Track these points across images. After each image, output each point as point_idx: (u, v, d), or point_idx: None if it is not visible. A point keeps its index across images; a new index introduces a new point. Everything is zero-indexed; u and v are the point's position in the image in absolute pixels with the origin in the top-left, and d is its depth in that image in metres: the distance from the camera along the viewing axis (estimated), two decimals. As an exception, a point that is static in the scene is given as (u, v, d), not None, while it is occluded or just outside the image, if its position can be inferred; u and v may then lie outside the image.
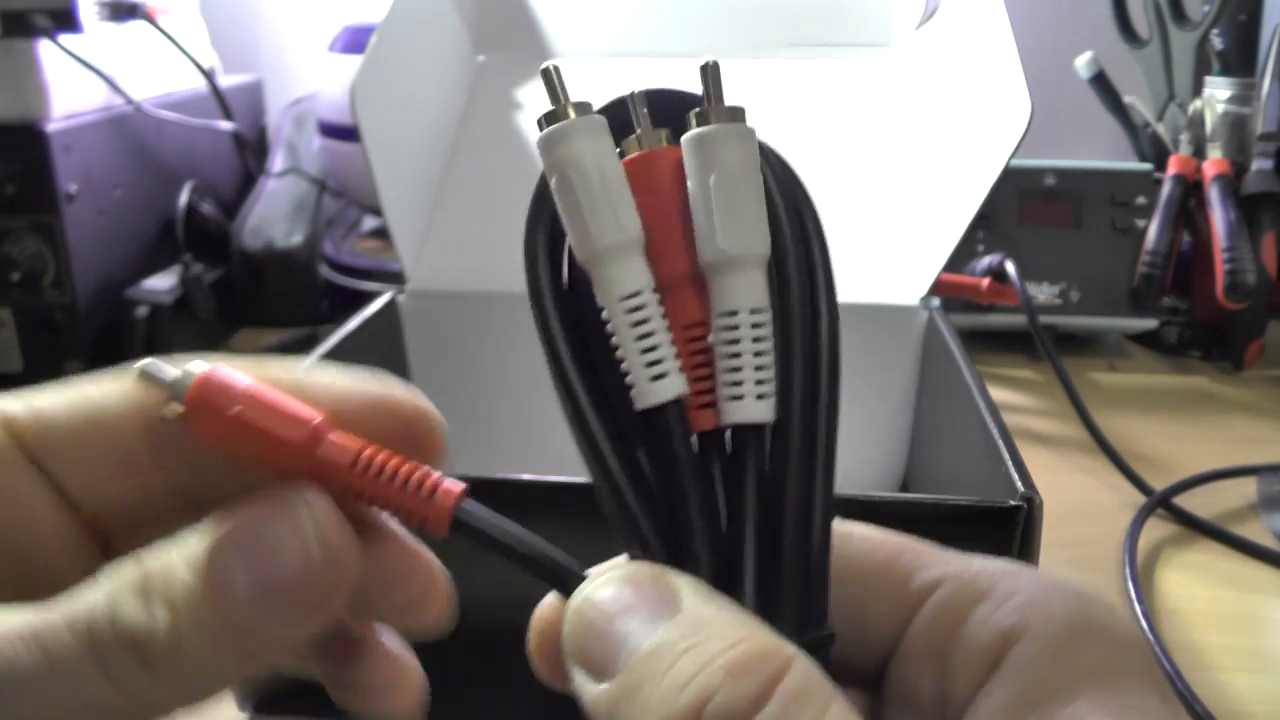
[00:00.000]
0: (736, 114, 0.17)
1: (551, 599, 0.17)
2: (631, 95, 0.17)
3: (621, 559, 0.17)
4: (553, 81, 0.17)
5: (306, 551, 0.15)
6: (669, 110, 0.17)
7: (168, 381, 0.16)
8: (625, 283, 0.16)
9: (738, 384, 0.16)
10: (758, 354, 0.16)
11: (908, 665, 0.17)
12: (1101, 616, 0.16)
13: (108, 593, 0.15)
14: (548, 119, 0.17)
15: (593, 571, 0.16)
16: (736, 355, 0.16)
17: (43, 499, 0.17)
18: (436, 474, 0.17)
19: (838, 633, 0.17)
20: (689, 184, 0.16)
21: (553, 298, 0.18)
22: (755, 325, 0.16)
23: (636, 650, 0.14)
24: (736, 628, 0.14)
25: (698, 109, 0.17)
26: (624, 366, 0.16)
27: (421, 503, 0.17)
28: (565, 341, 0.17)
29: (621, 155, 0.17)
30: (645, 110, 0.17)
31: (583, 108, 0.17)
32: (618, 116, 0.17)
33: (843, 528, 0.18)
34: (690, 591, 0.15)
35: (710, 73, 0.17)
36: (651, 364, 0.16)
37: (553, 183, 0.17)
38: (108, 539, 0.18)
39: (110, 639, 0.14)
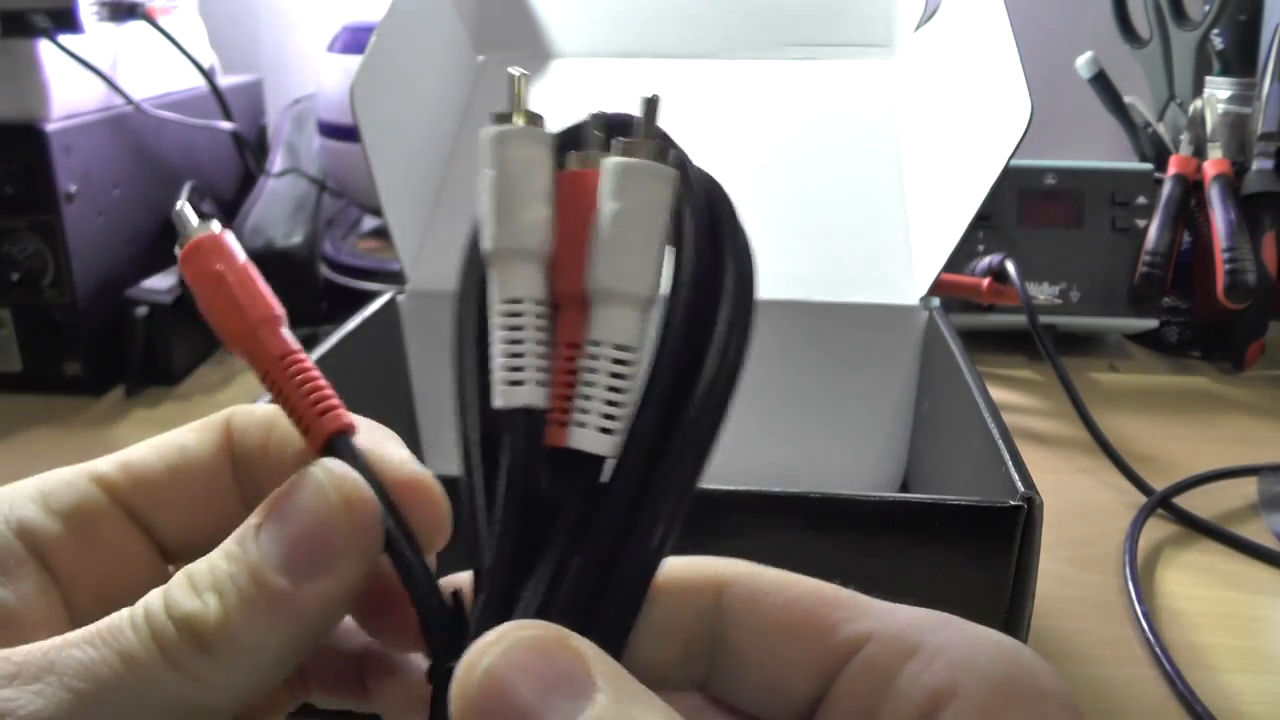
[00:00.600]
0: (660, 153, 0.16)
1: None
2: (590, 115, 0.17)
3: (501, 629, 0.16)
4: (514, 87, 0.17)
5: (323, 502, 0.16)
6: (624, 135, 0.17)
7: (191, 228, 0.18)
8: (508, 288, 0.17)
9: (584, 411, 0.16)
10: (612, 389, 0.16)
11: (836, 716, 0.17)
12: (1029, 675, 0.15)
13: (159, 593, 0.16)
14: (496, 119, 0.17)
15: (477, 644, 0.15)
16: (590, 384, 0.16)
17: (139, 549, 0.19)
18: (338, 404, 0.18)
19: (751, 687, 0.17)
20: (597, 210, 0.16)
21: (469, 296, 0.18)
22: (616, 360, 0.16)
23: None
24: (660, 713, 0.14)
25: (626, 138, 0.16)
26: (491, 366, 0.17)
27: (311, 417, 0.18)
28: (469, 338, 0.18)
29: (562, 168, 0.17)
30: (598, 132, 0.17)
31: (533, 118, 0.17)
32: (578, 138, 0.17)
33: (755, 579, 0.17)
34: (600, 666, 0.15)
35: (649, 105, 0.17)
36: (512, 369, 0.16)
37: (478, 179, 0.17)
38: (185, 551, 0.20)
39: (170, 631, 0.15)
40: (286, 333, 0.19)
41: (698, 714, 0.18)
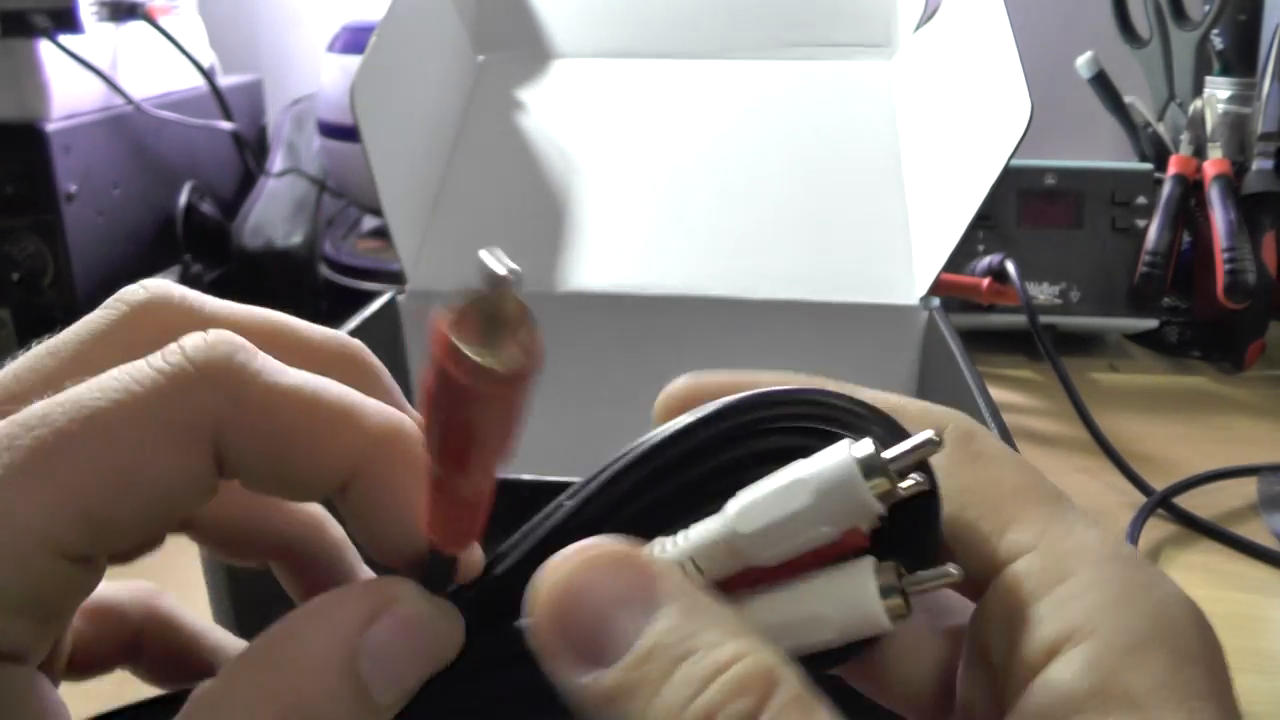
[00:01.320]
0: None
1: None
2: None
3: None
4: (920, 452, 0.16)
5: (441, 649, 0.17)
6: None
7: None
8: (709, 561, 0.16)
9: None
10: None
11: (983, 621, 0.17)
12: (1176, 628, 0.15)
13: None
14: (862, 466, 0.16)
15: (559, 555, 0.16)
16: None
17: (73, 581, 0.16)
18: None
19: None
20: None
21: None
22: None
23: (632, 648, 0.14)
24: (726, 633, 0.14)
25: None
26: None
27: (453, 536, 0.17)
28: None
29: None
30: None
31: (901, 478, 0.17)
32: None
33: (985, 444, 0.17)
34: (671, 579, 0.15)
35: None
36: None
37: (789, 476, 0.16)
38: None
39: None
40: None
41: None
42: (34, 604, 0.15)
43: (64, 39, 0.64)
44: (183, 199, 0.75)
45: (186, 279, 0.70)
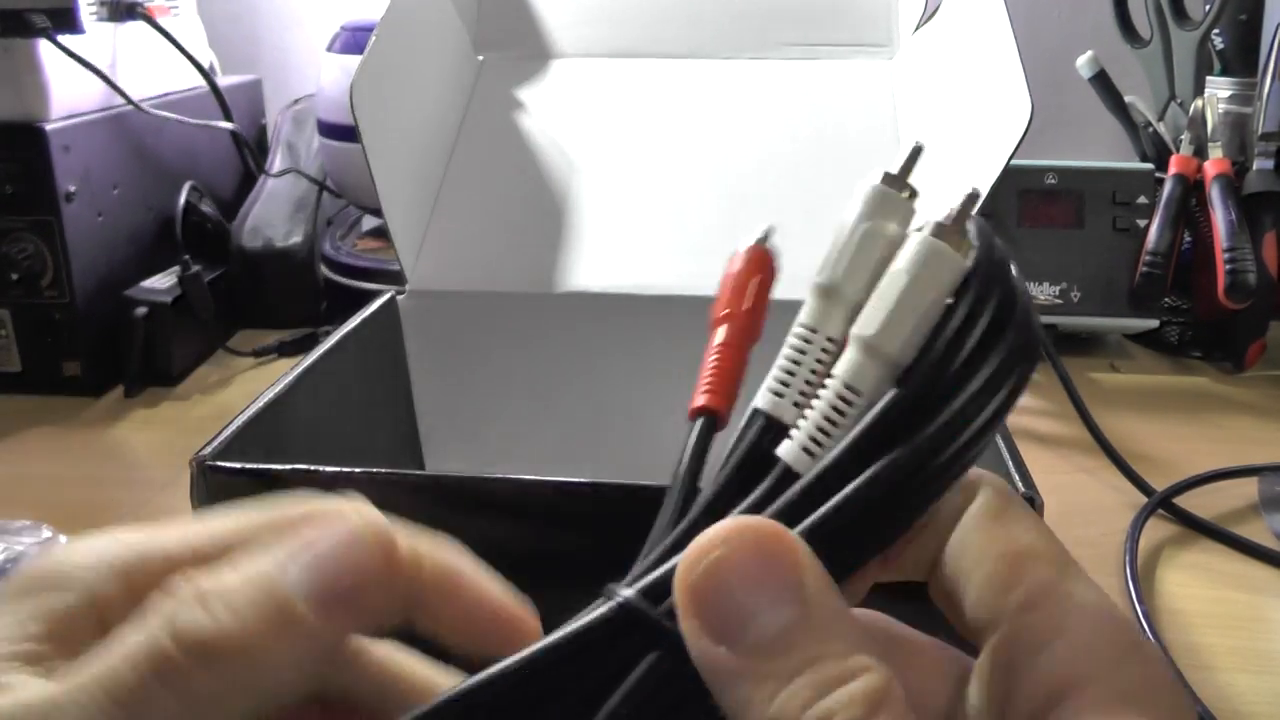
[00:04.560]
0: (962, 242, 0.17)
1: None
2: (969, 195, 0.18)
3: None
4: (912, 158, 0.19)
5: (359, 544, 0.17)
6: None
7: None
8: (812, 317, 0.18)
9: (799, 429, 0.18)
10: (829, 420, 0.17)
11: (988, 667, 0.18)
12: (1163, 683, 0.16)
13: (162, 613, 0.16)
14: (887, 180, 0.19)
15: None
16: (815, 410, 0.17)
17: None
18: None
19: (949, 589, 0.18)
20: (891, 269, 0.18)
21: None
22: (841, 398, 0.17)
23: (762, 635, 0.15)
24: (852, 645, 0.15)
25: (941, 220, 0.18)
26: (774, 369, 0.19)
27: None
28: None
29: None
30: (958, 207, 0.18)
31: (914, 193, 0.19)
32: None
33: (1013, 504, 0.19)
34: (811, 574, 0.16)
35: (969, 200, 0.18)
36: (780, 382, 0.18)
37: (850, 224, 0.19)
38: None
39: (174, 651, 0.15)
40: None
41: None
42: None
43: (64, 39, 0.64)
44: (182, 199, 0.75)
45: (186, 279, 0.70)
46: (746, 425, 0.18)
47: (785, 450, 0.17)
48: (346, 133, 0.81)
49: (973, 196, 0.17)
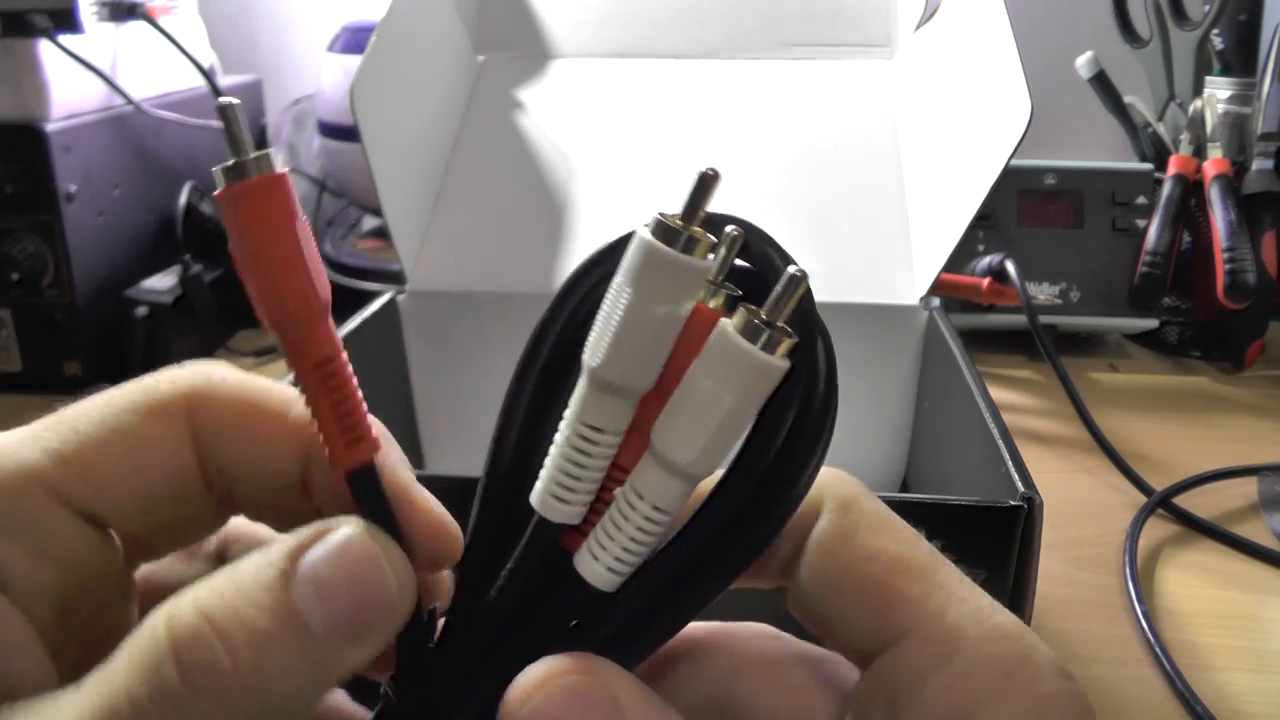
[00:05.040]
0: (774, 341, 0.15)
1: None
2: (749, 238, 0.16)
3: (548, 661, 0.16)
4: (700, 189, 0.15)
5: (378, 579, 0.16)
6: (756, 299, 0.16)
7: (249, 155, 0.16)
8: (594, 415, 0.16)
9: (602, 546, 0.16)
10: (634, 540, 0.16)
11: (866, 695, 0.17)
12: (1052, 710, 0.15)
13: (165, 629, 0.15)
14: (656, 227, 0.15)
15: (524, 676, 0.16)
16: (617, 526, 0.16)
17: (93, 548, 0.17)
18: (370, 427, 0.17)
19: (817, 612, 0.17)
20: (692, 371, 0.16)
21: (537, 372, 0.18)
22: (649, 519, 0.16)
23: None
24: None
25: (751, 309, 0.15)
26: (546, 468, 0.17)
27: (341, 442, 0.17)
28: (528, 397, 0.18)
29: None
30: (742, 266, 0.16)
31: (702, 235, 0.16)
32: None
33: (854, 513, 0.17)
34: (628, 699, 0.16)
35: (790, 282, 0.15)
36: (564, 487, 0.16)
37: (612, 285, 0.16)
38: (145, 546, 0.19)
39: (179, 688, 0.14)
40: (331, 325, 0.17)
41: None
42: (23, 534, 0.16)
43: (64, 39, 0.64)
44: (183, 199, 0.75)
45: (186, 278, 0.70)
46: (532, 533, 0.17)
47: (589, 570, 0.16)
48: (346, 133, 0.81)
49: (794, 280, 0.15)
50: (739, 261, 0.16)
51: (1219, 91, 0.77)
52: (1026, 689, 0.15)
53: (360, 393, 0.17)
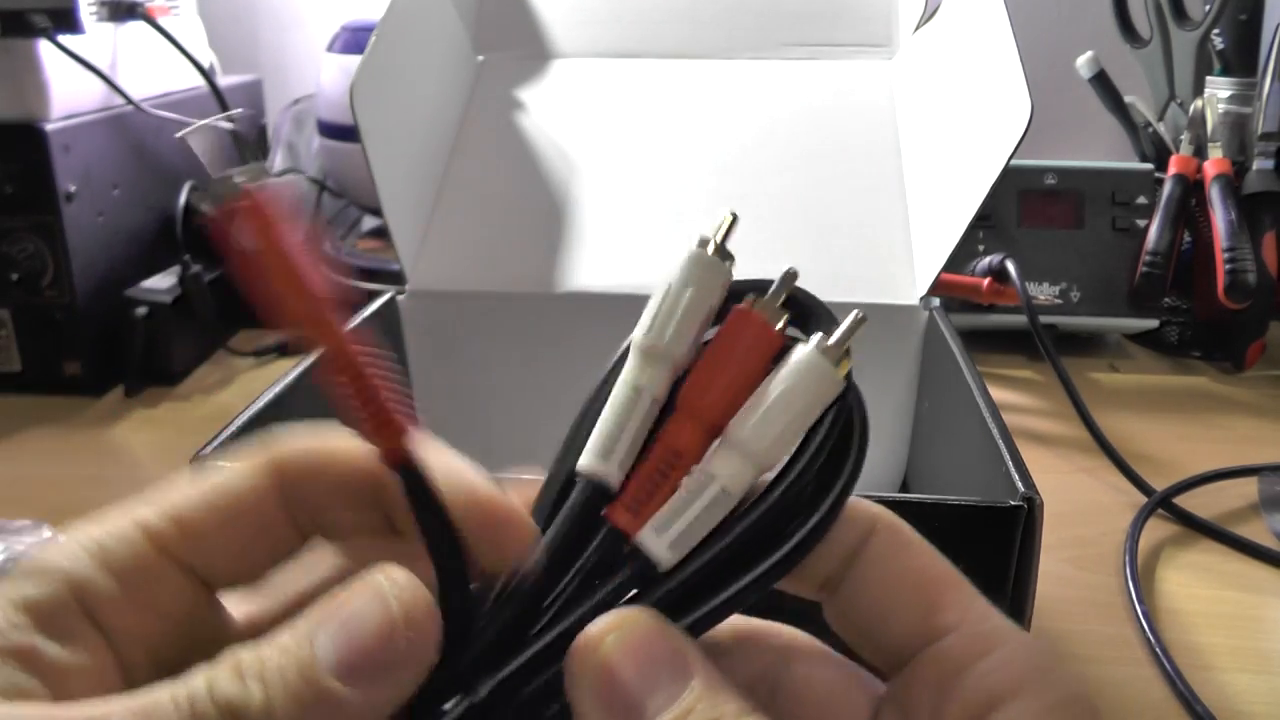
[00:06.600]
0: (839, 360, 0.18)
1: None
2: (784, 278, 0.19)
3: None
4: (724, 225, 0.20)
5: (384, 613, 0.17)
6: (814, 324, 0.19)
7: (235, 180, 0.17)
8: (639, 376, 0.19)
9: (669, 522, 0.18)
10: (698, 519, 0.18)
11: (906, 687, 0.19)
12: (1082, 697, 0.18)
13: (206, 675, 0.16)
14: (699, 243, 0.20)
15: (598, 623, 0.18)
16: (686, 504, 0.18)
17: (190, 600, 0.19)
18: (406, 419, 0.18)
19: (857, 622, 0.19)
20: (773, 378, 0.18)
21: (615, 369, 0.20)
22: (716, 499, 0.18)
23: (668, 712, 0.17)
24: (742, 709, 0.17)
25: (827, 335, 0.18)
26: (593, 435, 0.19)
27: (383, 436, 0.17)
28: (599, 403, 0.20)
29: (739, 300, 0.19)
30: (781, 296, 0.19)
31: (727, 255, 0.20)
32: (758, 287, 0.20)
33: (899, 535, 0.20)
34: (695, 657, 0.17)
35: (855, 324, 0.19)
36: (607, 440, 0.19)
37: (661, 283, 0.19)
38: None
39: (211, 714, 0.15)
40: (337, 321, 0.17)
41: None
42: (133, 586, 0.18)
43: (64, 39, 0.64)
44: (182, 199, 0.75)
45: (186, 278, 0.70)
46: (574, 488, 0.19)
47: (653, 544, 0.18)
48: (346, 133, 0.81)
49: (858, 320, 0.19)
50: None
51: (1219, 91, 0.77)
52: (1061, 683, 0.18)
53: (386, 383, 0.17)
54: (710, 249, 0.19)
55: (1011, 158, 0.45)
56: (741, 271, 0.20)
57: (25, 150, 0.63)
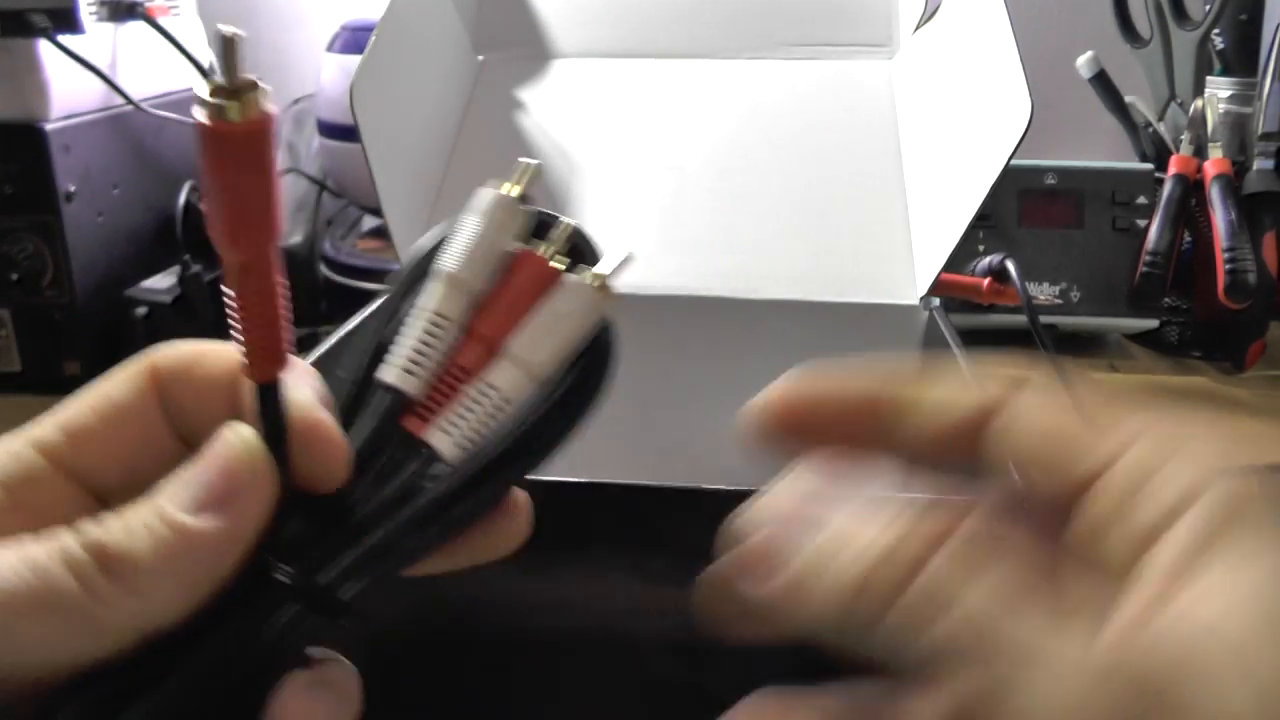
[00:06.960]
0: (604, 289, 0.21)
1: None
2: (566, 225, 0.22)
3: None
4: (524, 173, 0.23)
5: (231, 454, 0.18)
6: (586, 262, 0.22)
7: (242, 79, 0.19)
8: (443, 305, 0.21)
9: (454, 425, 0.20)
10: (482, 423, 0.20)
11: (1094, 502, 0.19)
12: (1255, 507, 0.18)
13: (75, 525, 0.18)
14: (495, 185, 0.22)
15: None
16: (470, 410, 0.20)
17: (81, 508, 0.19)
18: (289, 351, 0.19)
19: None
20: (546, 300, 0.21)
21: (406, 285, 0.22)
22: (497, 406, 0.20)
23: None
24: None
25: (593, 271, 0.21)
26: (392, 346, 0.21)
27: (260, 358, 0.19)
28: (385, 315, 0.22)
29: (527, 244, 0.22)
30: (561, 239, 0.22)
31: (524, 199, 0.22)
32: (547, 225, 0.22)
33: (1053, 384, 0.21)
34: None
35: (625, 261, 0.22)
36: (413, 362, 0.20)
37: (462, 217, 0.23)
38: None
39: (81, 554, 0.17)
40: (275, 253, 0.19)
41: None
42: (25, 496, 0.19)
43: (64, 39, 0.64)
44: (182, 199, 0.75)
45: (186, 278, 0.70)
46: (375, 398, 0.20)
47: (441, 443, 0.20)
48: (346, 133, 0.81)
49: (629, 260, 0.21)
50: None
51: (1219, 91, 0.77)
52: (1241, 481, 0.18)
53: (287, 323, 0.19)
54: (511, 192, 0.22)
55: (1011, 157, 0.45)
56: (741, 271, 0.20)
57: (25, 150, 0.63)
